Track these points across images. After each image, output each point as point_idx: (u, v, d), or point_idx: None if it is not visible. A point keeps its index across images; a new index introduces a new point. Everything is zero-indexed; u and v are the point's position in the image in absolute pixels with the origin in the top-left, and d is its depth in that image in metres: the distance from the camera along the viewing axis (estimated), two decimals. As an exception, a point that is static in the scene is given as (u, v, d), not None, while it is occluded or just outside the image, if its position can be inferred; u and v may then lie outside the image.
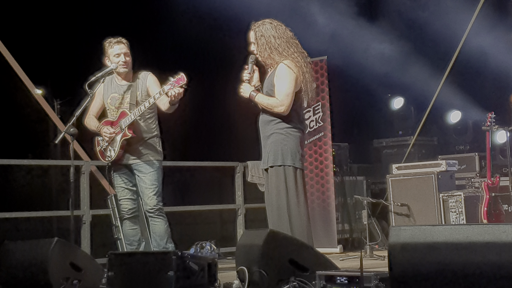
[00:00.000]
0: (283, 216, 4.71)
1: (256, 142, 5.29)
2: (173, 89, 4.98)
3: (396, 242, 3.23)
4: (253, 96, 4.85)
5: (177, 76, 5.02)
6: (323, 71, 7.78)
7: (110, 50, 5.33)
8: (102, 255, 4.85)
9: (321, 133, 7.75)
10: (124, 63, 5.31)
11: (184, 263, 3.84)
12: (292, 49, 4.83)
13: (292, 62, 4.78)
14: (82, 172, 6.78)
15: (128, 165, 5.34)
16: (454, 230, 3.15)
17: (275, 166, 4.79)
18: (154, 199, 5.26)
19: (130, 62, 5.37)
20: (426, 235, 3.19)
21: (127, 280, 4.00)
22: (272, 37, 4.80)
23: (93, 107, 5.46)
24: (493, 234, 3.04)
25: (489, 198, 6.97)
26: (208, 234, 7.38)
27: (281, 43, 4.81)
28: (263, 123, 4.94)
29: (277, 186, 4.76)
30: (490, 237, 3.04)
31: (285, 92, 4.76)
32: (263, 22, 4.88)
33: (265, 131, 4.91)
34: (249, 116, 5.46)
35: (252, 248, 4.00)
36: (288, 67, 4.77)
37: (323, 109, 7.74)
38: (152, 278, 3.88)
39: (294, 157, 4.77)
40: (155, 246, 5.29)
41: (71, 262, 4.43)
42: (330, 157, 7.70)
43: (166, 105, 5.18)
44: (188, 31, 8.83)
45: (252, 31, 4.88)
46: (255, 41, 4.86)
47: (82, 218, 6.70)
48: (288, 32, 4.88)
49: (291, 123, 4.83)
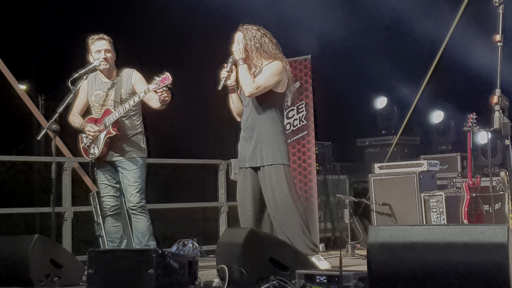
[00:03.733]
0: (293, 212, 4.92)
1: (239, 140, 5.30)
2: (162, 93, 5.03)
3: (375, 242, 3.26)
4: (240, 63, 4.99)
5: (162, 75, 5.03)
6: (307, 70, 7.80)
7: (92, 47, 5.33)
8: (84, 252, 4.84)
9: (304, 131, 7.77)
10: (104, 59, 5.29)
11: (164, 261, 3.86)
12: (281, 54, 5.08)
13: (285, 64, 5.02)
14: (64, 169, 6.76)
15: (112, 162, 5.33)
16: (432, 230, 3.19)
17: (274, 164, 4.90)
18: (137, 197, 5.26)
19: (112, 58, 5.36)
20: (405, 235, 3.22)
21: (107, 278, 4.00)
22: (262, 40, 5.01)
23: (77, 104, 5.44)
24: (470, 235, 3.08)
25: (470, 199, 7.02)
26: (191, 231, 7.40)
27: (270, 46, 5.04)
28: (250, 121, 5.01)
29: (278, 184, 4.95)
30: (467, 237, 3.08)
31: (264, 82, 4.95)
32: (252, 27, 5.04)
33: (252, 129, 4.98)
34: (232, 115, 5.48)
35: (233, 246, 4.02)
36: (284, 67, 5.00)
37: (307, 108, 7.76)
38: (132, 276, 3.89)
39: (288, 155, 5.04)
40: (137, 243, 5.29)
41: (51, 259, 4.43)
42: (313, 155, 7.72)
43: (157, 104, 5.19)
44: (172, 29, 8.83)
45: (240, 32, 4.98)
46: (243, 42, 4.94)
47: (64, 215, 6.67)
48: (273, 39, 5.11)
49: (279, 122, 5.04)
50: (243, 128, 5.18)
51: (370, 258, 3.25)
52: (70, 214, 6.70)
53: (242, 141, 5.19)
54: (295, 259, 4.08)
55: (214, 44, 9.00)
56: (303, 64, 7.85)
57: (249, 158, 5.07)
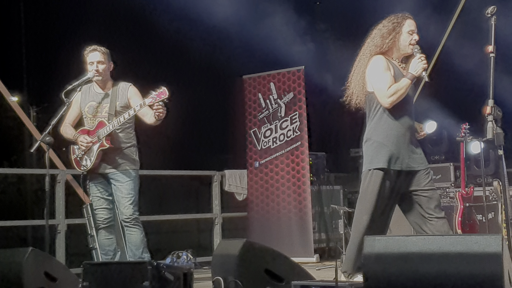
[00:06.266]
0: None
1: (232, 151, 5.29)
2: (158, 108, 5.00)
3: (370, 253, 3.25)
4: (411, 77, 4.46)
5: (159, 89, 5.02)
6: (300, 81, 7.83)
7: (87, 58, 5.33)
8: (77, 265, 4.83)
9: (298, 142, 7.78)
10: (97, 71, 5.29)
11: (159, 273, 3.84)
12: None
13: None
14: (57, 181, 6.74)
15: (104, 175, 5.32)
16: (427, 240, 3.19)
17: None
18: (130, 209, 5.24)
19: (106, 70, 5.35)
20: (400, 245, 3.22)
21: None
22: None
23: (70, 115, 5.43)
24: (465, 245, 3.08)
25: (464, 208, 7.04)
26: (185, 243, 7.37)
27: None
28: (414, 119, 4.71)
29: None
30: (462, 247, 3.08)
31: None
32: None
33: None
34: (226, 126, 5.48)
35: (228, 258, 4.01)
36: None
37: (300, 119, 7.78)
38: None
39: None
40: (130, 256, 5.27)
41: (45, 271, 4.39)
42: (307, 166, 7.74)
43: (151, 119, 5.18)
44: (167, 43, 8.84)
45: (412, 20, 4.62)
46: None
47: (57, 227, 6.65)
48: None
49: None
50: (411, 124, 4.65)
51: (366, 269, 3.25)
52: (63, 227, 6.68)
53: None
54: (291, 270, 4.07)
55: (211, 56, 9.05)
56: (296, 75, 7.87)
57: (419, 161, 4.65)
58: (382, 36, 4.56)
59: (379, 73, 4.48)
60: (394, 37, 4.55)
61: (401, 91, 4.43)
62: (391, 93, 4.42)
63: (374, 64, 4.52)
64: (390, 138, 4.50)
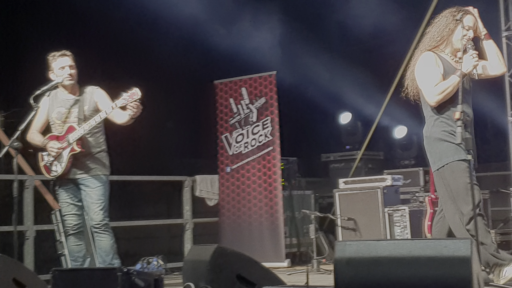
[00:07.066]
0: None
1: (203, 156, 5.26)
2: (133, 108, 4.95)
3: (341, 257, 3.26)
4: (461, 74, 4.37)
5: (130, 91, 4.98)
6: (272, 86, 7.85)
7: (54, 64, 5.26)
8: (46, 271, 4.75)
9: (270, 147, 7.79)
10: (70, 75, 5.24)
11: (130, 279, 3.81)
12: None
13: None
14: (26, 187, 6.65)
15: (74, 180, 5.26)
16: (397, 245, 3.21)
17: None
18: (101, 215, 5.19)
19: (76, 74, 5.31)
20: (371, 250, 3.23)
21: (71, 297, 3.93)
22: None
23: (37, 122, 5.34)
24: (435, 249, 3.11)
25: (433, 213, 7.10)
26: (155, 249, 7.30)
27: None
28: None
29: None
30: (432, 251, 3.11)
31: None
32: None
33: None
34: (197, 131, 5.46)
35: (200, 264, 3.99)
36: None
37: (272, 124, 7.79)
38: (97, 295, 3.83)
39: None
40: (100, 262, 5.22)
41: (14, 278, 4.32)
42: (279, 171, 7.75)
43: (123, 119, 5.12)
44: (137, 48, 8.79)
45: (471, 16, 4.52)
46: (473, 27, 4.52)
47: (26, 234, 6.56)
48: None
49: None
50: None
51: (336, 273, 3.26)
52: (32, 233, 6.59)
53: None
54: (262, 275, 4.07)
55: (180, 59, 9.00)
56: (268, 80, 7.89)
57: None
58: (439, 28, 4.54)
59: (426, 70, 4.47)
60: (450, 30, 4.50)
61: (449, 89, 4.39)
62: (438, 92, 4.40)
63: (422, 61, 4.50)
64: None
